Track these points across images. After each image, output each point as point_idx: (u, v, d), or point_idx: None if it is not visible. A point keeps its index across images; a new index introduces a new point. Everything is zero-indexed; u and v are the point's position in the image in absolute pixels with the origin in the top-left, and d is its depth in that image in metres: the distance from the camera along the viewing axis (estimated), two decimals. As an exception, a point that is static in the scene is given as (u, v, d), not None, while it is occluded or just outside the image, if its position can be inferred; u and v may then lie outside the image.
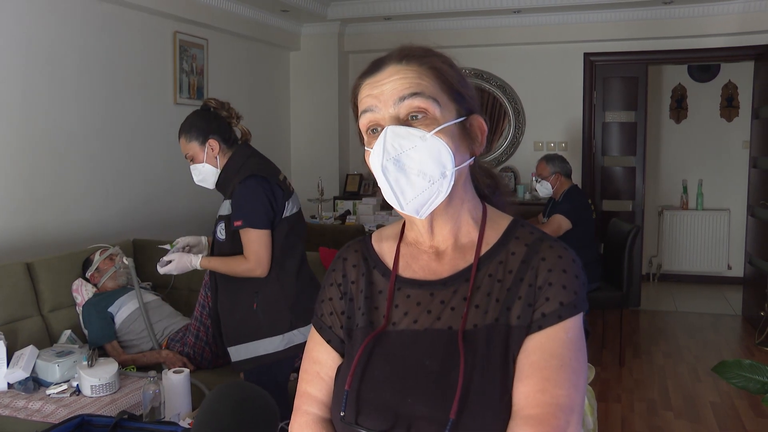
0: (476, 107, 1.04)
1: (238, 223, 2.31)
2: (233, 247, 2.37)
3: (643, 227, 5.95)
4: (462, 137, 1.00)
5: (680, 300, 6.25)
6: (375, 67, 1.02)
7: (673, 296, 6.39)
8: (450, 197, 0.99)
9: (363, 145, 1.04)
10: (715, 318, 5.59)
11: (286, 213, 2.40)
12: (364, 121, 1.01)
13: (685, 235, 6.83)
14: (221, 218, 2.42)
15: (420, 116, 0.97)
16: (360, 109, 1.02)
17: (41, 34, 3.50)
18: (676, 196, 7.01)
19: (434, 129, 0.96)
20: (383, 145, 0.95)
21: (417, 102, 0.97)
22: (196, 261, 2.44)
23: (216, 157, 2.43)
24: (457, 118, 1.00)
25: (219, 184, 2.47)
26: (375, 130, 1.00)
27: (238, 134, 2.52)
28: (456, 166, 0.97)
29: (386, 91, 0.98)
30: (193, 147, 2.42)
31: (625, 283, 4.35)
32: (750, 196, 5.51)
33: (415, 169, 0.95)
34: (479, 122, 1.04)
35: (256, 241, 2.30)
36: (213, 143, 2.40)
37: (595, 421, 1.35)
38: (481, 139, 1.04)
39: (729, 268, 6.76)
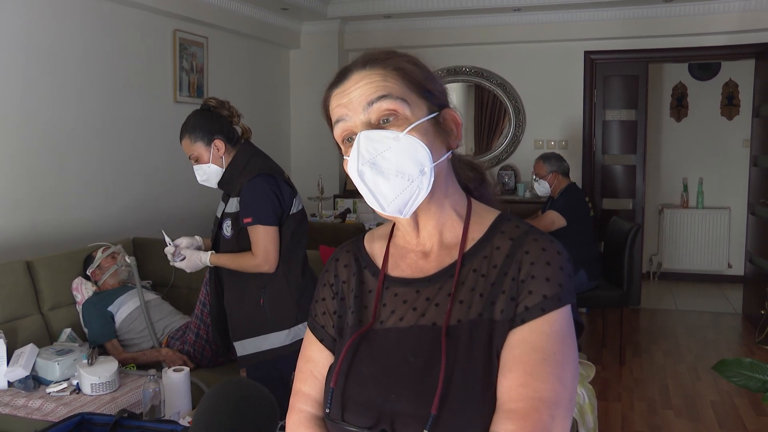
0: (447, 101, 1.04)
1: (247, 220, 2.33)
2: (240, 243, 2.40)
3: (644, 226, 5.94)
4: (437, 133, 1.00)
5: (680, 298, 6.25)
6: (341, 76, 1.03)
7: (674, 295, 6.39)
8: (431, 193, 0.99)
9: (342, 155, 1.05)
10: (715, 316, 5.59)
11: (293, 210, 2.43)
12: (338, 132, 1.02)
13: (685, 234, 6.83)
14: (227, 216, 2.44)
15: (391, 118, 0.97)
16: (332, 120, 1.03)
17: (41, 32, 3.50)
18: (676, 194, 7.01)
19: (406, 128, 0.96)
20: (358, 151, 0.96)
21: (385, 104, 0.97)
22: (206, 258, 2.46)
23: (221, 157, 2.44)
24: (429, 115, 1.00)
25: (222, 182, 2.49)
26: (350, 138, 1.00)
27: (239, 132, 2.54)
28: (434, 162, 0.97)
29: (354, 99, 0.98)
30: (198, 147, 2.43)
31: (625, 282, 4.35)
32: (750, 195, 5.50)
33: (392, 170, 0.95)
34: (452, 115, 1.04)
35: (265, 238, 2.32)
36: (219, 143, 2.41)
37: (595, 420, 1.35)
38: (456, 131, 1.04)
39: (729, 266, 6.75)
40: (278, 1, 5.27)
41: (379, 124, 0.97)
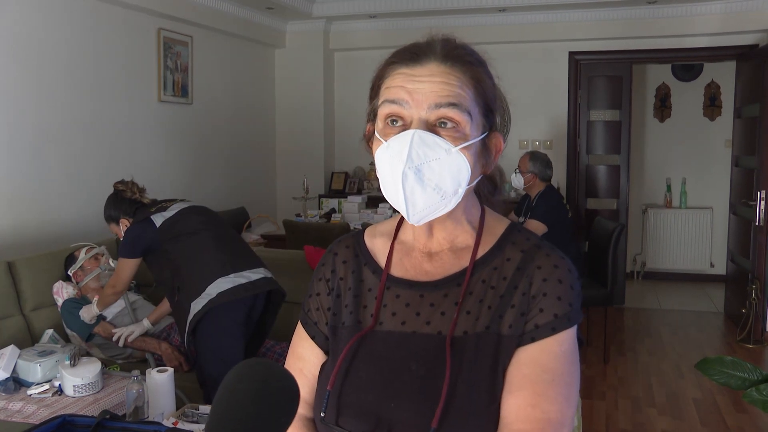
0: (498, 124, 1.01)
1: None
2: (160, 270, 2.78)
3: (628, 225, 5.99)
4: (480, 154, 0.97)
5: (664, 298, 6.30)
6: (415, 57, 0.95)
7: (657, 294, 6.44)
8: (453, 209, 0.97)
9: (369, 122, 1.00)
10: (697, 315, 5.64)
11: (158, 224, 2.72)
12: (385, 110, 0.94)
13: (668, 233, 6.88)
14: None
15: (449, 125, 0.92)
16: (385, 95, 0.95)
17: (22, 29, 3.46)
18: (659, 194, 7.07)
19: (461, 144, 0.93)
20: (408, 152, 0.90)
21: (452, 113, 0.92)
22: (146, 323, 3.01)
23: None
24: (482, 134, 0.97)
25: None
26: (394, 121, 0.94)
27: (145, 201, 2.92)
28: (468, 185, 0.95)
29: (423, 92, 0.92)
30: (114, 228, 2.94)
31: (609, 281, 4.37)
32: (732, 195, 5.56)
33: (432, 182, 0.92)
34: (498, 140, 1.01)
35: (125, 267, 2.78)
36: (124, 222, 2.88)
37: (579, 419, 1.35)
38: (495, 156, 1.01)
39: (712, 265, 6.82)
40: (263, 0, 5.25)
41: (435, 126, 0.92)
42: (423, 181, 0.91)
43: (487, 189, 1.07)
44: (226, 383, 0.68)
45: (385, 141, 0.94)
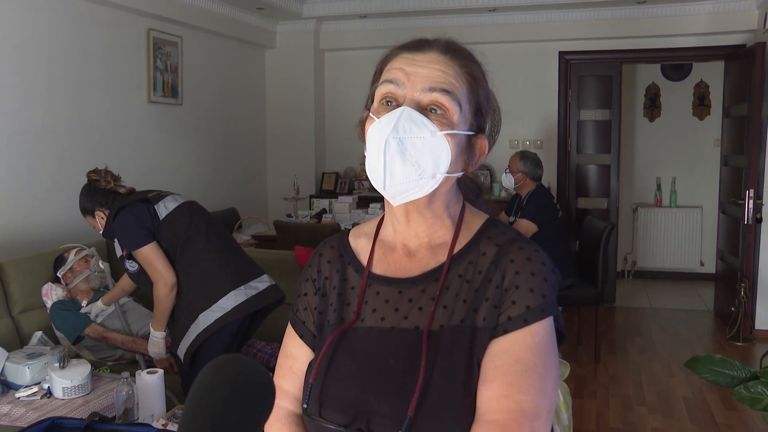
0: (486, 128, 1.05)
1: (125, 252, 2.60)
2: (145, 273, 2.61)
3: (618, 225, 6.01)
4: (464, 150, 1.00)
5: (654, 296, 6.33)
6: (418, 45, 1.01)
7: (648, 293, 6.47)
8: (431, 199, 0.99)
9: (366, 108, 1.03)
10: (687, 314, 5.67)
11: (161, 216, 2.62)
12: (382, 90, 0.99)
13: (658, 232, 6.92)
14: (121, 258, 2.68)
15: (438, 112, 0.96)
16: (384, 76, 1.00)
17: (7, 28, 3.44)
18: (650, 193, 7.10)
19: (446, 130, 0.96)
20: (395, 123, 0.94)
21: (443, 99, 0.96)
22: (157, 335, 2.69)
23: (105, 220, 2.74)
24: (468, 130, 1.00)
25: (104, 233, 2.75)
26: (389, 102, 0.99)
27: (121, 191, 2.76)
28: (447, 173, 0.97)
29: (420, 74, 0.97)
30: (90, 221, 2.76)
31: (600, 281, 4.39)
32: (721, 194, 5.59)
33: (413, 158, 0.95)
34: (483, 144, 1.04)
35: (146, 258, 2.55)
36: (100, 214, 2.71)
37: (570, 417, 1.35)
38: (478, 158, 1.04)
39: (701, 264, 6.86)
40: (253, 1, 5.24)
41: (426, 110, 0.96)
42: (404, 153, 0.95)
43: (472, 193, 1.10)
44: (198, 381, 0.68)
45: (377, 118, 0.97)
